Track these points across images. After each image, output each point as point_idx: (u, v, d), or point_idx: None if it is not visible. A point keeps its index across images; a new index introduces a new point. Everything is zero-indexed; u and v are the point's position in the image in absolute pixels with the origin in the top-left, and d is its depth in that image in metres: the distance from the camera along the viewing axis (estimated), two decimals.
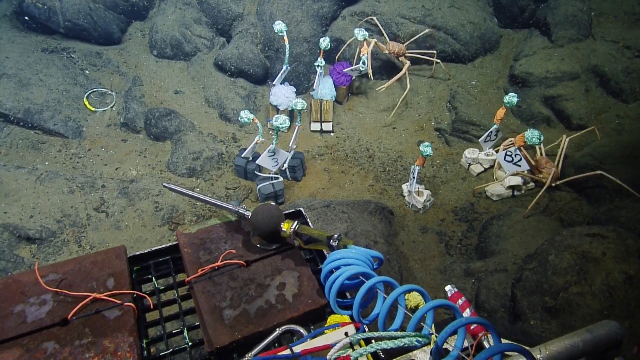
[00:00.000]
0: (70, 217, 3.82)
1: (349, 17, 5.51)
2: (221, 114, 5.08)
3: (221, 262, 1.80)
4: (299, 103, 3.81)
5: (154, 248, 1.95)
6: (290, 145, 4.22)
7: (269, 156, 4.03)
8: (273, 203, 1.93)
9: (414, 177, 3.97)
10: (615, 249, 2.70)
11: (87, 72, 5.09)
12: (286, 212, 2.09)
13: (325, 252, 1.90)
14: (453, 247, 3.84)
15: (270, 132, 4.98)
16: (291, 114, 5.05)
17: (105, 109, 4.86)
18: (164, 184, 2.14)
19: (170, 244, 1.98)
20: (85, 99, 4.82)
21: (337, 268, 1.65)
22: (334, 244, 1.72)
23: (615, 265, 2.64)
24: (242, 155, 4.36)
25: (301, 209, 2.15)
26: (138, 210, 4.02)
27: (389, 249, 3.48)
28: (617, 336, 1.35)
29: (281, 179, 4.22)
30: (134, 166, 4.49)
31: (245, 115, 3.93)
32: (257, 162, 4.06)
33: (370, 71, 4.87)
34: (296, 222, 1.83)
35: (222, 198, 4.27)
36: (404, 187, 4.29)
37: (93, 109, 4.81)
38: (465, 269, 3.49)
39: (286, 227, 1.82)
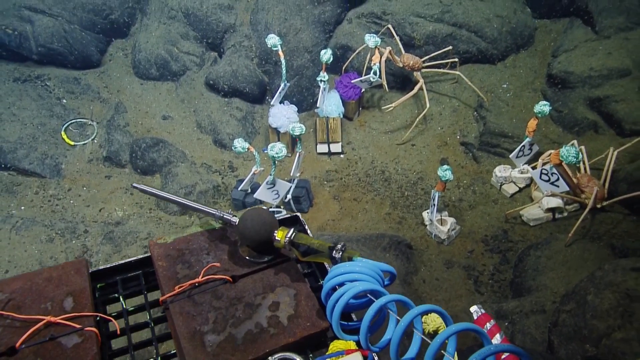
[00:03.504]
0: None
1: (355, 19, 5.71)
2: (215, 140, 5.32)
3: (203, 277, 1.77)
4: (297, 128, 3.99)
5: (122, 261, 1.92)
6: (292, 174, 4.40)
7: (268, 188, 4.21)
8: (264, 207, 1.95)
9: (434, 204, 4.08)
10: None
11: (65, 101, 5.42)
12: (280, 217, 2.08)
13: (327, 265, 1.89)
14: (483, 284, 3.92)
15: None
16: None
17: (85, 142, 5.17)
18: (133, 184, 2.08)
19: (141, 256, 1.95)
20: (63, 132, 5.14)
21: (341, 284, 1.62)
22: (337, 255, 1.69)
23: None
24: (240, 188, 4.56)
25: (298, 214, 2.15)
26: (125, 258, 4.23)
27: (406, 290, 3.59)
28: None
29: (284, 212, 4.39)
30: (119, 206, 4.74)
31: (240, 144, 4.13)
32: (254, 195, 4.24)
33: (384, 81, 5.03)
34: (292, 230, 1.80)
35: None
36: (425, 214, 4.40)
37: (72, 143, 5.11)
38: (497, 310, 3.55)
39: (280, 235, 1.79)
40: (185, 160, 5.08)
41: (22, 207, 4.57)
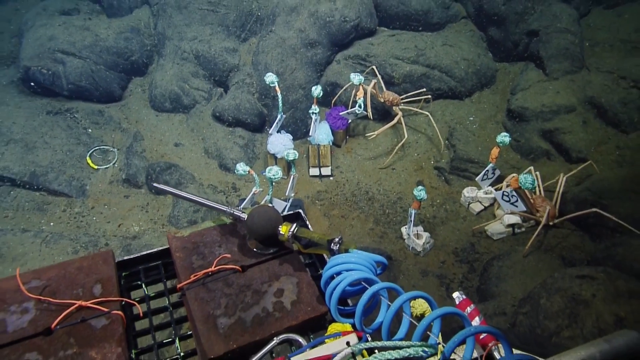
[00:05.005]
0: None
1: (343, 60, 5.91)
2: (221, 164, 5.44)
3: (215, 267, 1.79)
4: (291, 153, 4.12)
5: (144, 252, 1.97)
6: (287, 194, 4.51)
7: None
8: (270, 205, 1.99)
9: (411, 220, 4.22)
10: (605, 291, 2.90)
11: (90, 130, 5.53)
12: (284, 214, 2.12)
13: (325, 256, 1.92)
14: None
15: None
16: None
17: (107, 166, 5.27)
18: (153, 183, 2.17)
19: (160, 248, 1.99)
20: (88, 158, 5.24)
21: (339, 273, 1.65)
22: (335, 247, 1.72)
23: (605, 307, 2.83)
24: (242, 206, 4.65)
25: (300, 210, 2.18)
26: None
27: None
28: (638, 347, 1.33)
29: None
30: (136, 222, 4.82)
31: (241, 168, 4.24)
32: None
33: (370, 112, 5.21)
34: (295, 225, 1.83)
35: None
36: (403, 230, 4.53)
37: (96, 167, 5.21)
38: None
39: (284, 230, 1.82)
40: (194, 182, 5.19)
41: (52, 223, 4.65)
